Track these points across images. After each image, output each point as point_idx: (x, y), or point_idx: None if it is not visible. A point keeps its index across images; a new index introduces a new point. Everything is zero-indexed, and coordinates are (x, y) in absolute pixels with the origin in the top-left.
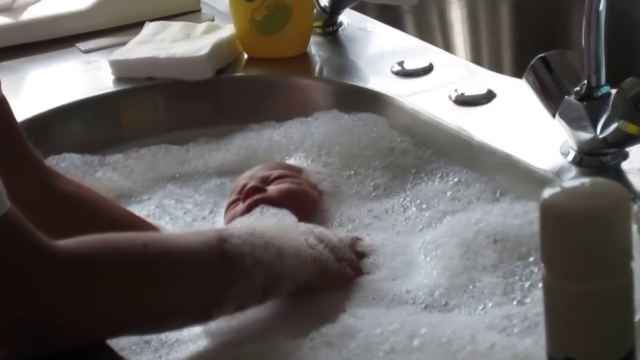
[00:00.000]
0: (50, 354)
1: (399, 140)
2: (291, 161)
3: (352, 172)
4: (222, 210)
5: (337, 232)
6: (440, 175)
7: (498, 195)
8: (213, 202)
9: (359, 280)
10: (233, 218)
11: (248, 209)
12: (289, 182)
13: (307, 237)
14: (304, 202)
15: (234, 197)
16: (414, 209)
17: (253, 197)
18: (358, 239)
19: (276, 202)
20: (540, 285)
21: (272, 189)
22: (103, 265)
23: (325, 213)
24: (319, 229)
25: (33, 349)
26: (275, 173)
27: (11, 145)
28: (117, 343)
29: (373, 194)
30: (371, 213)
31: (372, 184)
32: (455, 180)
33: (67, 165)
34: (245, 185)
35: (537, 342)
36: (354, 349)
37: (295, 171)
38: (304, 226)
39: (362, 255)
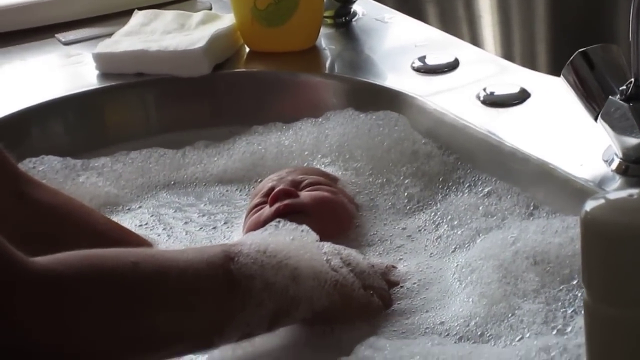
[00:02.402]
0: None
1: (422, 142)
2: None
3: (384, 180)
4: (233, 220)
5: (372, 258)
6: (468, 184)
7: (532, 208)
8: (223, 211)
9: (389, 311)
10: (257, 224)
11: (275, 215)
12: (324, 190)
13: (330, 258)
14: (340, 215)
15: (258, 200)
16: (446, 226)
17: (283, 201)
18: (393, 267)
19: (308, 211)
20: (582, 312)
21: (305, 195)
22: (87, 286)
23: (359, 230)
24: (348, 251)
25: None
26: (309, 178)
27: None
28: None
29: (407, 208)
30: (405, 232)
31: (405, 194)
32: (485, 191)
33: (46, 168)
34: (272, 188)
35: None
36: None
37: (331, 180)
38: (329, 246)
39: (394, 284)
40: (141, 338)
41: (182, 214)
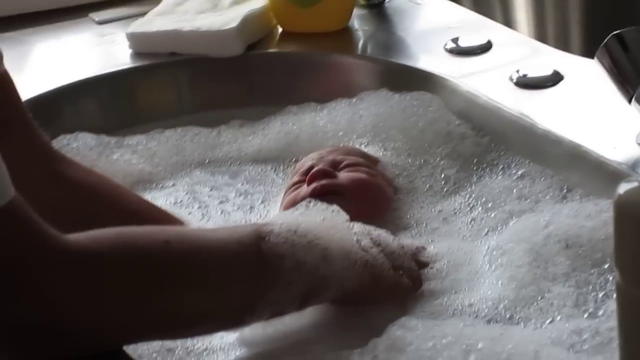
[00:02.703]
0: None
1: (456, 123)
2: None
3: (422, 161)
4: (270, 199)
5: (402, 239)
6: (502, 166)
7: (565, 191)
8: (260, 191)
9: (418, 292)
10: (293, 202)
11: (313, 195)
12: (363, 172)
13: (360, 238)
14: (377, 197)
15: (297, 178)
16: (480, 208)
17: (320, 181)
18: (423, 248)
19: (345, 192)
20: (615, 295)
21: (344, 176)
22: (119, 263)
23: (395, 213)
24: (378, 232)
25: (36, 357)
26: (349, 159)
27: (14, 127)
28: (135, 350)
29: (444, 190)
30: (440, 215)
31: (442, 175)
32: (519, 173)
33: (80, 145)
34: (311, 167)
35: None
36: None
37: (371, 161)
38: (360, 227)
39: (424, 265)
40: (172, 316)
41: (217, 192)
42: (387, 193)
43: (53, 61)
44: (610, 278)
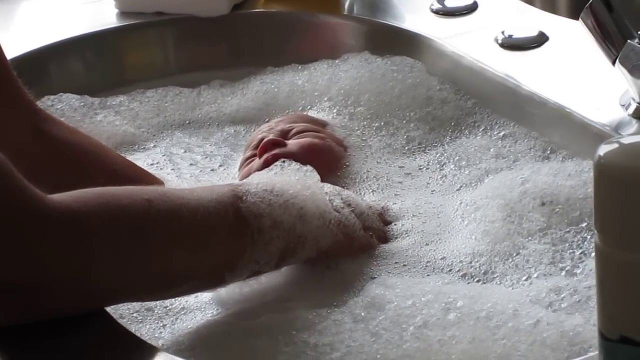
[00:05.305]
0: (37, 323)
1: (437, 88)
2: (315, 110)
3: (382, 123)
4: (234, 163)
5: (366, 199)
6: (483, 128)
7: (548, 152)
8: (224, 154)
9: (387, 245)
10: (248, 176)
11: (265, 166)
12: (311, 137)
13: (332, 198)
14: (328, 158)
15: (249, 152)
16: (452, 165)
17: (271, 151)
18: (388, 207)
19: (297, 157)
20: (593, 254)
21: (293, 143)
22: (101, 223)
23: (349, 169)
24: (346, 192)
25: (17, 318)
26: (297, 126)
27: None
28: (116, 310)
29: (406, 148)
30: (402, 170)
31: (405, 136)
32: (501, 134)
33: (64, 106)
34: (262, 140)
35: (587, 320)
36: (382, 322)
37: (319, 125)
38: (330, 187)
39: (389, 223)
40: (154, 274)
41: (189, 154)
42: (337, 152)
43: (38, 20)
44: (588, 237)
